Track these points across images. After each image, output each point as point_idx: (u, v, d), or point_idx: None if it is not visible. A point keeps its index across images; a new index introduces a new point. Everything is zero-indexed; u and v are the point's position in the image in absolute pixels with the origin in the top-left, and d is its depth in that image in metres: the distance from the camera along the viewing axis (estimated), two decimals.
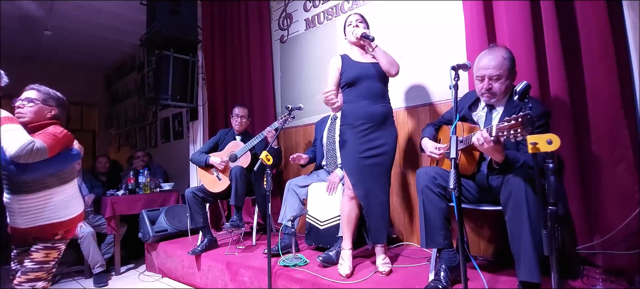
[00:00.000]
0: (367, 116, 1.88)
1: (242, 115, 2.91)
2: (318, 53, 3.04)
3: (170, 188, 3.81)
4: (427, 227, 1.62)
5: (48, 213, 1.65)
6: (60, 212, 1.68)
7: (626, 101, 1.60)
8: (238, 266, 2.24)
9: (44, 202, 1.63)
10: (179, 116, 4.99)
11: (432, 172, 1.65)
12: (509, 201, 1.40)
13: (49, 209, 1.64)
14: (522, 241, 1.35)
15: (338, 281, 1.77)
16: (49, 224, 1.65)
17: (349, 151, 1.92)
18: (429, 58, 2.36)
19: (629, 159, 1.58)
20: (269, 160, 1.88)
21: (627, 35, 1.59)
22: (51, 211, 1.65)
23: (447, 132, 1.80)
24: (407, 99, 2.48)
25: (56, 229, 1.67)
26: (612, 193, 1.62)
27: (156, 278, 3.01)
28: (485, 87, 1.61)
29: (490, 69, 1.58)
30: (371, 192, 1.87)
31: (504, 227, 1.45)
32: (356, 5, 2.77)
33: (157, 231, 3.08)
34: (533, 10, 1.82)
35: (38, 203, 1.62)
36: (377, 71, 1.92)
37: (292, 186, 2.54)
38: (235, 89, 3.67)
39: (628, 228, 1.54)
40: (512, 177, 1.41)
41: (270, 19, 3.47)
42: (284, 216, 2.44)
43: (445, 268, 1.58)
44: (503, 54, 1.59)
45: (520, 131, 1.17)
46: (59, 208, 1.67)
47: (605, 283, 1.52)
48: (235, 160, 2.70)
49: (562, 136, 1.18)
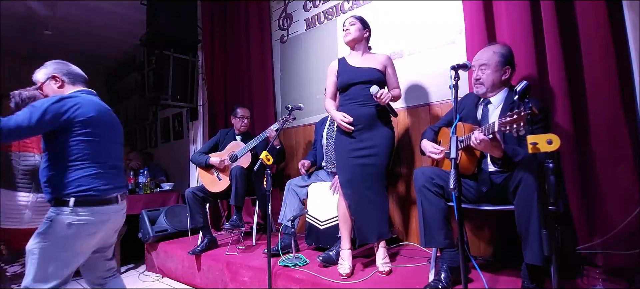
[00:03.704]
0: (355, 118, 1.92)
1: (247, 116, 2.92)
2: (318, 53, 3.04)
3: (170, 188, 3.81)
4: (425, 226, 1.62)
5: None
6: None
7: (626, 101, 1.60)
8: (238, 266, 2.24)
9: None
10: (179, 116, 4.99)
11: (429, 172, 1.66)
12: (519, 186, 1.41)
13: None
14: (530, 225, 1.36)
15: (338, 281, 1.77)
16: None
17: (340, 151, 1.99)
18: (429, 58, 2.36)
19: (629, 159, 1.58)
20: (269, 160, 1.88)
21: (627, 35, 1.59)
22: None
23: (447, 134, 1.80)
24: (407, 99, 2.48)
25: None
26: (612, 193, 1.62)
27: (156, 278, 3.01)
28: (474, 77, 1.71)
29: (478, 60, 1.71)
30: (359, 191, 1.88)
31: (504, 227, 1.45)
32: (356, 5, 2.77)
33: (157, 231, 3.08)
34: (533, 10, 1.82)
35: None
36: (371, 75, 1.94)
37: (292, 186, 2.54)
38: (235, 89, 3.67)
39: (628, 228, 1.54)
40: (522, 167, 1.43)
41: (270, 19, 3.47)
42: (284, 216, 2.44)
43: (446, 268, 1.58)
44: (494, 49, 1.68)
45: (523, 125, 1.18)
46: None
47: (605, 283, 1.52)
48: (236, 160, 2.70)
49: (562, 136, 1.18)
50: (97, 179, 1.48)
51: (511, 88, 1.67)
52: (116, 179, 1.59)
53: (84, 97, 1.54)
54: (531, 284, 1.41)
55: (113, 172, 1.58)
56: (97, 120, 1.52)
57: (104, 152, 1.54)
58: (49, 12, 4.27)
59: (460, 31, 2.17)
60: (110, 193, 1.53)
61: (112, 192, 1.54)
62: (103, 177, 1.51)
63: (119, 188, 1.58)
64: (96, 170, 1.49)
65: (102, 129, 1.54)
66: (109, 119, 1.63)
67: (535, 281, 1.41)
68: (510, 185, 1.47)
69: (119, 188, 1.58)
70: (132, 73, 6.20)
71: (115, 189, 1.55)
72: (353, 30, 2.00)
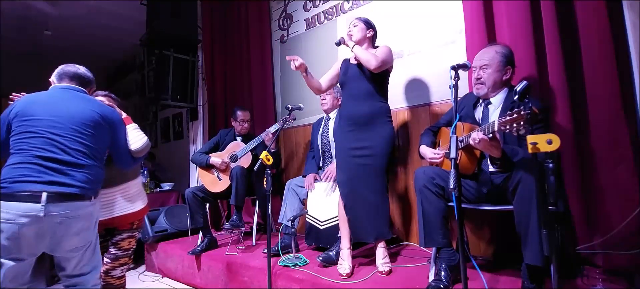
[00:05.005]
0: (349, 117, 1.95)
1: (247, 119, 2.92)
2: (318, 53, 3.04)
3: (170, 188, 3.81)
4: (425, 226, 1.62)
5: (125, 204, 1.77)
6: (135, 203, 1.82)
7: (626, 101, 1.60)
8: (238, 266, 2.24)
9: (123, 194, 1.78)
10: (179, 116, 5.00)
11: (430, 172, 1.66)
12: (518, 186, 1.41)
13: (126, 200, 1.77)
14: (529, 225, 1.36)
15: (338, 281, 1.77)
16: (126, 214, 1.77)
17: (338, 149, 2.01)
18: (429, 58, 2.36)
19: (629, 159, 1.58)
20: (269, 160, 1.89)
21: (627, 35, 1.59)
22: (128, 202, 1.78)
23: (447, 134, 1.80)
24: (407, 99, 2.48)
25: (133, 219, 1.81)
26: (612, 193, 1.62)
27: (156, 278, 3.01)
28: (475, 77, 1.70)
29: (480, 61, 1.70)
30: (356, 190, 1.89)
31: (504, 227, 1.45)
32: (356, 6, 2.77)
33: (157, 231, 3.09)
34: (533, 10, 1.82)
35: (118, 195, 1.76)
36: (364, 71, 1.94)
37: (292, 186, 2.54)
38: (235, 89, 3.67)
39: (628, 228, 1.54)
40: (520, 167, 1.43)
41: (270, 19, 3.47)
42: (284, 216, 2.44)
43: (445, 267, 1.58)
44: (496, 49, 1.68)
45: (523, 124, 1.18)
46: (134, 199, 1.82)
47: (605, 283, 1.51)
48: (236, 160, 2.70)
49: (562, 136, 1.18)
50: (13, 169, 1.31)
51: (511, 88, 1.67)
52: (52, 174, 1.32)
53: (34, 94, 1.49)
54: (531, 285, 1.41)
55: (46, 164, 1.33)
56: (30, 110, 1.40)
57: (35, 141, 1.35)
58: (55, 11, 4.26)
59: (460, 31, 2.17)
60: (25, 186, 1.27)
61: (29, 186, 1.28)
62: (23, 169, 1.30)
63: (49, 184, 1.30)
64: (17, 160, 1.33)
65: (37, 120, 1.39)
66: (66, 109, 1.44)
67: (535, 281, 1.41)
68: (509, 185, 1.47)
69: (49, 184, 1.30)
70: (132, 73, 6.20)
71: (37, 184, 1.29)
72: (356, 31, 2.01)
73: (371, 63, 1.86)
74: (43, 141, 1.36)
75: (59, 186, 1.32)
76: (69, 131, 1.41)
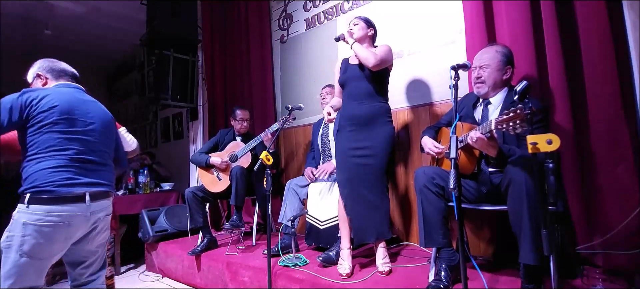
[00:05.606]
0: (350, 117, 1.94)
1: (246, 118, 2.92)
2: (318, 53, 3.04)
3: (170, 188, 3.81)
4: (425, 226, 1.62)
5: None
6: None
7: (626, 101, 1.60)
8: (238, 266, 2.24)
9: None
10: (179, 116, 4.99)
11: (430, 172, 1.66)
12: (510, 187, 1.41)
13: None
14: (522, 223, 1.36)
15: (338, 281, 1.77)
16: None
17: (338, 150, 2.00)
18: (429, 58, 2.36)
19: (629, 159, 1.58)
20: (269, 160, 1.89)
21: (627, 35, 1.59)
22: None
23: (447, 134, 1.80)
24: (408, 99, 2.48)
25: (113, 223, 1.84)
26: (612, 193, 1.62)
27: (156, 278, 3.01)
28: (476, 76, 1.70)
29: (480, 60, 1.70)
30: (356, 191, 1.88)
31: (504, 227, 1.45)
32: (356, 5, 2.77)
33: (157, 231, 3.08)
34: (533, 10, 1.82)
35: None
36: (363, 71, 1.94)
37: (292, 186, 2.54)
38: (235, 89, 3.67)
39: (628, 228, 1.54)
40: (511, 166, 1.44)
41: (270, 19, 3.47)
42: (284, 216, 2.44)
43: (445, 267, 1.58)
44: (496, 49, 1.69)
45: (520, 123, 1.18)
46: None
47: (605, 283, 1.51)
48: (236, 160, 2.70)
49: (562, 136, 1.18)
50: (55, 173, 1.34)
51: (511, 88, 1.67)
52: (88, 174, 1.43)
53: (55, 89, 1.48)
54: (528, 285, 1.41)
55: (84, 166, 1.43)
56: (64, 110, 1.42)
57: (72, 143, 1.42)
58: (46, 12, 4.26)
59: (460, 31, 2.17)
60: (73, 190, 1.37)
61: (75, 189, 1.37)
62: (65, 172, 1.36)
63: (88, 185, 1.41)
64: (56, 163, 1.36)
65: (71, 120, 1.43)
66: (88, 110, 1.52)
67: (533, 280, 1.40)
68: (502, 185, 1.47)
69: (88, 185, 1.41)
70: (132, 73, 6.20)
71: (80, 186, 1.39)
72: (356, 30, 2.01)
73: (370, 60, 1.86)
74: (80, 143, 1.45)
75: (96, 186, 1.45)
76: (97, 133, 1.52)
